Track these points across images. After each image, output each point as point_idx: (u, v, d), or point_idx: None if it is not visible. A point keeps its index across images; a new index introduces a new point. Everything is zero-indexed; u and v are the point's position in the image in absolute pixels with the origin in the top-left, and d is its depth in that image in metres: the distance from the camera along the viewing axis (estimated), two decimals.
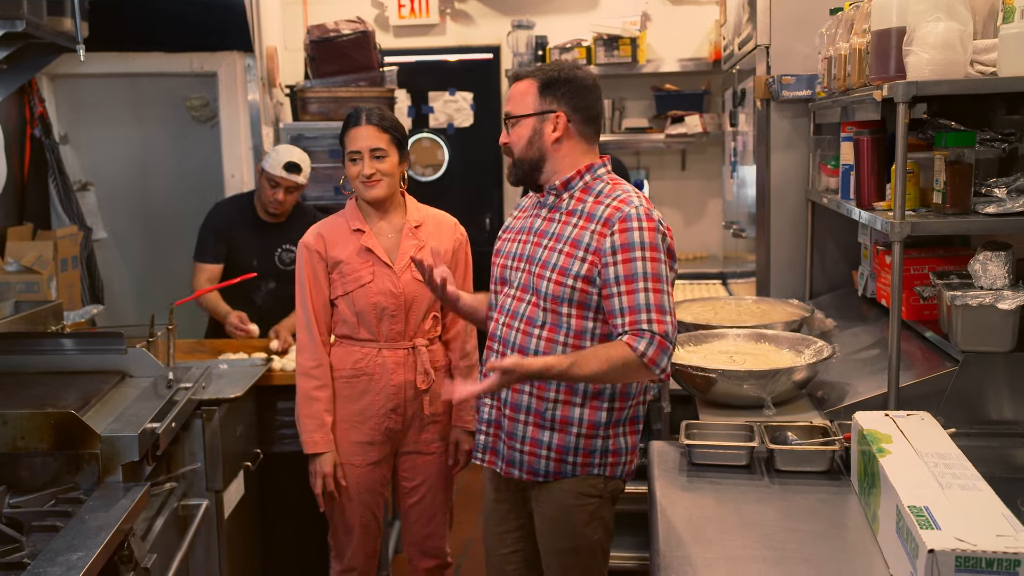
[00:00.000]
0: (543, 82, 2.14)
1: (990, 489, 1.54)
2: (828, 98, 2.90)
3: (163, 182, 4.94)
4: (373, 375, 2.56)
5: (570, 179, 2.15)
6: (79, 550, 1.69)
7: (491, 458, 2.26)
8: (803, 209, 3.39)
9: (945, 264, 2.53)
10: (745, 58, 3.71)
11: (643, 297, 1.99)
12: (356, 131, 2.53)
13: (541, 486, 2.19)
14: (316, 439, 2.56)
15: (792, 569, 1.63)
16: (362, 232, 2.57)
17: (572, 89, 2.14)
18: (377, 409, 2.57)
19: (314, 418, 2.56)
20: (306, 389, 2.57)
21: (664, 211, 5.56)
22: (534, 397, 2.14)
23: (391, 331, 2.56)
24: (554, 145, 2.15)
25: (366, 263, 2.55)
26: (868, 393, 2.35)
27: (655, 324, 1.98)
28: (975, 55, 2.10)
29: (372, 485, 2.63)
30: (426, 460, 2.67)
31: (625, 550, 3.20)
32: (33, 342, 2.68)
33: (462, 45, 5.78)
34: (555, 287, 2.08)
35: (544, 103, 2.14)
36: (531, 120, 2.15)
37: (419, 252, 2.52)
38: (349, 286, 2.55)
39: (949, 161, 2.21)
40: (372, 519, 2.66)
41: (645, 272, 2.00)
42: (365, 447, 2.59)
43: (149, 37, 4.19)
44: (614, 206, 2.07)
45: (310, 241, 2.60)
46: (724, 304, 3.22)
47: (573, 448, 2.14)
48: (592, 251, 2.06)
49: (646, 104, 5.64)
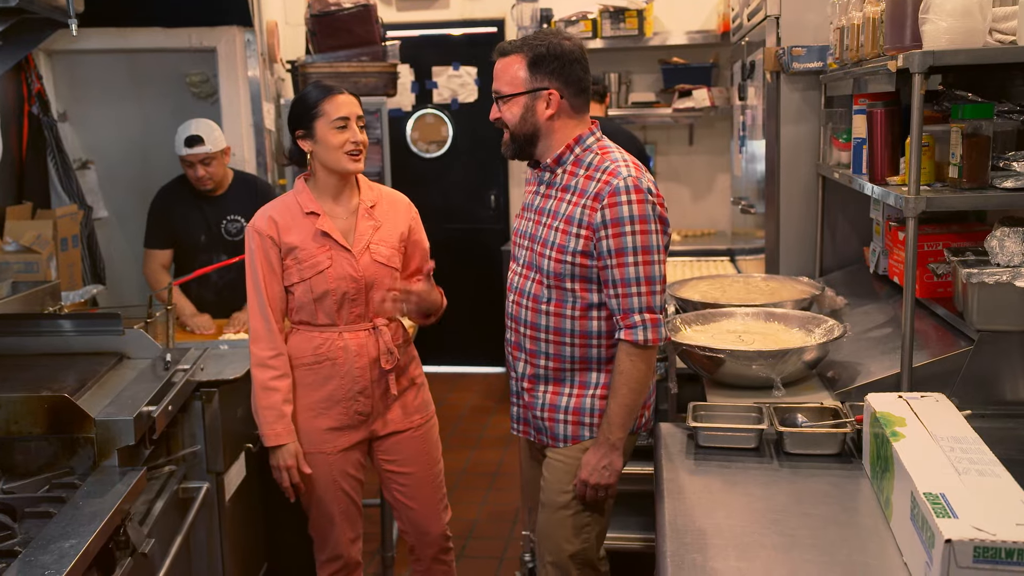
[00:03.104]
0: (532, 58, 2.14)
1: (1009, 475, 1.49)
2: (840, 70, 2.83)
3: (164, 160, 4.86)
4: (336, 360, 2.48)
5: (561, 154, 2.19)
6: (72, 537, 1.66)
7: (524, 428, 2.38)
8: (814, 184, 3.33)
9: (960, 240, 2.47)
10: (754, 29, 3.63)
11: (633, 271, 2.09)
12: (341, 98, 2.43)
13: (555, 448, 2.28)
14: (278, 431, 2.44)
15: (802, 555, 1.59)
16: (316, 216, 2.46)
17: (562, 64, 2.15)
18: (344, 393, 2.49)
19: (273, 409, 2.45)
20: (263, 380, 2.46)
21: (671, 186, 5.54)
22: (550, 370, 2.25)
23: (351, 314, 2.48)
24: (547, 121, 2.17)
25: (323, 248, 2.44)
26: (880, 373, 2.30)
27: (644, 298, 2.10)
28: (994, 23, 2.03)
29: (347, 470, 2.56)
30: (404, 437, 2.61)
31: (631, 531, 3.17)
32: (30, 323, 2.64)
33: (466, 19, 5.70)
34: (555, 264, 2.16)
35: (535, 80, 2.15)
36: (523, 98, 2.16)
37: (375, 233, 2.50)
38: (306, 272, 2.44)
39: (966, 134, 2.14)
40: (351, 504, 2.60)
41: (635, 246, 2.08)
42: (335, 433, 2.52)
43: (147, 12, 4.13)
44: (603, 180, 2.11)
45: (261, 226, 2.45)
46: (732, 282, 3.17)
47: (589, 409, 2.23)
48: (585, 226, 2.12)
49: (653, 78, 5.56)
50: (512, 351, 2.33)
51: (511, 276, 2.33)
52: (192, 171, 3.50)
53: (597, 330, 2.20)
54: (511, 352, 2.34)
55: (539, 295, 2.21)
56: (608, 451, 2.17)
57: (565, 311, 2.19)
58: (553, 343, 2.22)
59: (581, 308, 2.18)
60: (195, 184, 3.53)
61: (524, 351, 2.28)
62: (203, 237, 3.57)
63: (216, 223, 3.58)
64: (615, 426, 2.16)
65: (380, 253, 2.50)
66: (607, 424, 2.17)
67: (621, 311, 2.12)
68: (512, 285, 2.30)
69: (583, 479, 2.19)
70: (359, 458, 2.60)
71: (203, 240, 3.56)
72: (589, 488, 2.19)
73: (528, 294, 2.23)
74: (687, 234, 5.49)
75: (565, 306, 2.19)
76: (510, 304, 2.30)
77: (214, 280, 3.55)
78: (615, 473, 2.19)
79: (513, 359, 2.33)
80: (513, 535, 3.81)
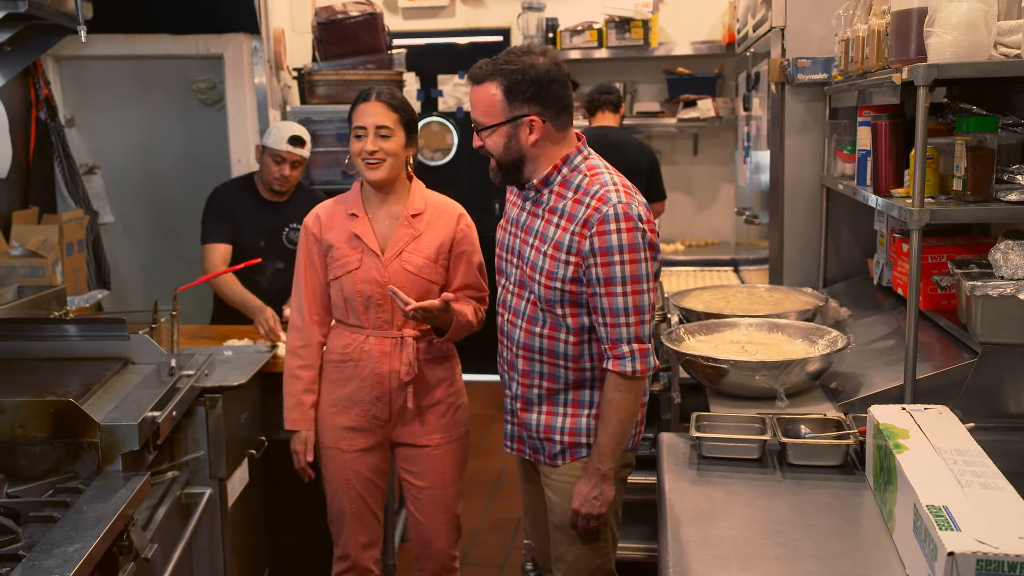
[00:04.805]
0: (508, 86, 2.06)
1: (1012, 488, 1.49)
2: (845, 81, 2.83)
3: (170, 166, 4.91)
4: (359, 362, 2.52)
5: (548, 175, 2.14)
6: (76, 541, 1.67)
7: (519, 446, 2.34)
8: (818, 195, 3.33)
9: (964, 253, 2.47)
10: (759, 40, 3.64)
11: (621, 300, 2.06)
12: (364, 107, 2.48)
13: (555, 468, 2.25)
14: (295, 417, 2.57)
15: (804, 566, 1.59)
16: (356, 217, 2.52)
17: (539, 87, 2.06)
18: (363, 396, 2.53)
19: (294, 396, 2.57)
20: (291, 367, 2.58)
21: (676, 196, 5.54)
22: (544, 390, 2.22)
23: (378, 319, 2.51)
24: (532, 148, 2.11)
25: (355, 250, 2.51)
26: (884, 385, 2.30)
27: (632, 328, 2.06)
28: (999, 37, 2.03)
29: (364, 473, 2.59)
30: (422, 453, 2.61)
31: (634, 541, 3.17)
32: (35, 327, 2.65)
33: (472, 27, 5.71)
34: (545, 291, 2.13)
35: (514, 108, 2.08)
36: (504, 128, 2.10)
37: (412, 242, 2.51)
38: (337, 271, 2.52)
39: (971, 147, 2.14)
40: (365, 508, 2.61)
41: (624, 275, 2.05)
42: (352, 433, 2.56)
43: (155, 19, 4.14)
44: (593, 206, 2.06)
45: (309, 222, 2.58)
46: (736, 292, 3.17)
47: (585, 429, 2.20)
48: (574, 253, 2.08)
49: (658, 88, 5.57)
50: (507, 369, 2.30)
51: (501, 292, 2.29)
52: (279, 168, 3.46)
53: (590, 353, 2.17)
54: (505, 371, 2.31)
55: (533, 316, 2.18)
56: (599, 481, 2.14)
57: (559, 335, 2.16)
58: (547, 364, 2.19)
59: (574, 333, 2.15)
60: (271, 183, 3.50)
61: (517, 371, 2.24)
62: (262, 242, 3.52)
63: (278, 230, 3.55)
64: (605, 456, 2.13)
65: (412, 262, 2.50)
66: (597, 454, 2.14)
67: (609, 341, 2.09)
68: (504, 302, 2.27)
69: (575, 509, 2.17)
70: (377, 462, 2.61)
71: (262, 245, 3.51)
72: (581, 518, 2.17)
73: (522, 315, 2.20)
74: (691, 244, 5.49)
75: (559, 331, 2.15)
76: (504, 322, 2.27)
77: (264, 287, 3.50)
78: (606, 503, 2.16)
79: (508, 378, 2.30)
80: (515, 543, 3.81)
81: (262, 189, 3.57)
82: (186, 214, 4.64)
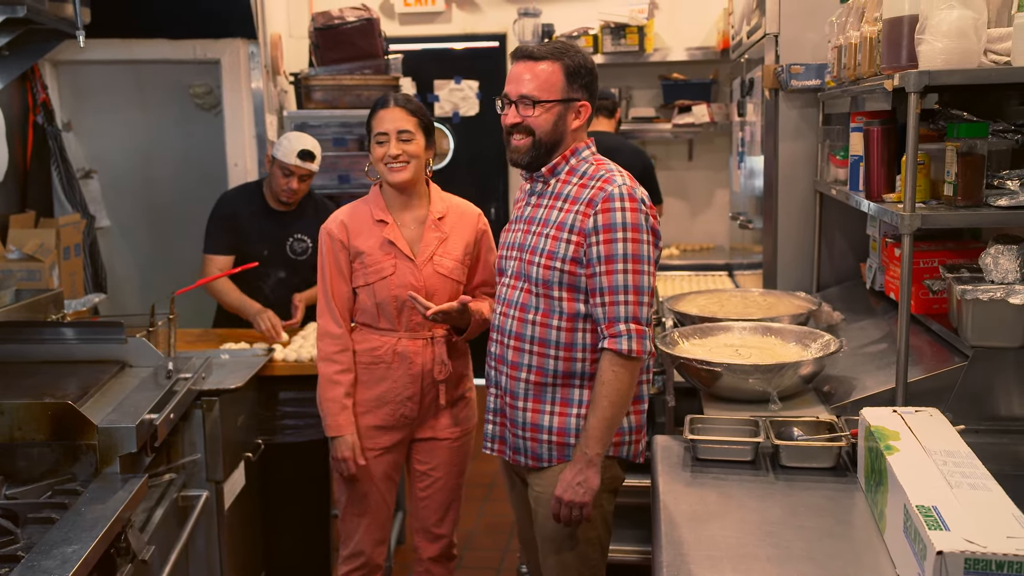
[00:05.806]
0: (570, 69, 2.14)
1: (1000, 489, 1.51)
2: (838, 88, 2.86)
3: (167, 170, 4.92)
4: (391, 364, 2.54)
5: (556, 164, 2.19)
6: (74, 543, 1.68)
7: (500, 447, 2.31)
8: (811, 200, 3.36)
9: (955, 257, 2.49)
10: (754, 47, 3.67)
11: (622, 278, 2.05)
12: (384, 113, 2.51)
13: (540, 471, 2.21)
14: (340, 422, 2.52)
15: (796, 567, 1.60)
16: (385, 223, 2.54)
17: (593, 78, 2.19)
18: (395, 396, 2.56)
19: (336, 401, 2.53)
20: (328, 373, 2.55)
21: (671, 201, 5.56)
22: (531, 384, 2.18)
23: (411, 322, 2.54)
24: (573, 132, 2.18)
25: (388, 255, 2.52)
26: (876, 388, 2.32)
27: (631, 307, 2.05)
28: (989, 44, 2.06)
29: (385, 470, 2.62)
30: (441, 445, 2.65)
31: (627, 543, 3.18)
32: (33, 331, 2.66)
33: (468, 33, 5.74)
34: (544, 271, 2.13)
35: (572, 90, 2.15)
36: (558, 106, 2.15)
37: (441, 245, 2.54)
38: (370, 277, 2.52)
39: (961, 152, 2.17)
40: (383, 504, 2.64)
41: (625, 253, 2.06)
42: (379, 432, 2.58)
43: (152, 24, 4.15)
44: (597, 187, 2.11)
45: (333, 229, 2.56)
46: (730, 296, 3.19)
47: (574, 430, 2.16)
48: (577, 232, 2.10)
49: (653, 93, 5.60)
50: (496, 364, 2.27)
51: (499, 289, 2.29)
52: (287, 181, 3.45)
53: (582, 342, 2.14)
54: (494, 366, 2.28)
55: (526, 303, 2.17)
56: (584, 466, 2.07)
57: (551, 321, 2.14)
58: (537, 354, 2.16)
59: (568, 319, 2.13)
60: (279, 195, 3.49)
61: (506, 363, 2.22)
62: (266, 251, 3.50)
63: (282, 239, 3.54)
64: (593, 440, 2.07)
65: (443, 265, 2.54)
66: (585, 438, 2.08)
67: (606, 320, 2.06)
68: (500, 297, 2.27)
69: (557, 496, 2.10)
70: (396, 459, 2.64)
71: (265, 254, 3.49)
72: (563, 505, 2.09)
73: (515, 303, 2.19)
74: (686, 248, 5.51)
75: (552, 316, 2.13)
76: (497, 316, 2.26)
77: (267, 294, 3.50)
78: (590, 491, 2.07)
79: (496, 373, 2.27)
80: (510, 547, 3.82)
81: (269, 198, 3.56)
82: (183, 218, 4.66)
